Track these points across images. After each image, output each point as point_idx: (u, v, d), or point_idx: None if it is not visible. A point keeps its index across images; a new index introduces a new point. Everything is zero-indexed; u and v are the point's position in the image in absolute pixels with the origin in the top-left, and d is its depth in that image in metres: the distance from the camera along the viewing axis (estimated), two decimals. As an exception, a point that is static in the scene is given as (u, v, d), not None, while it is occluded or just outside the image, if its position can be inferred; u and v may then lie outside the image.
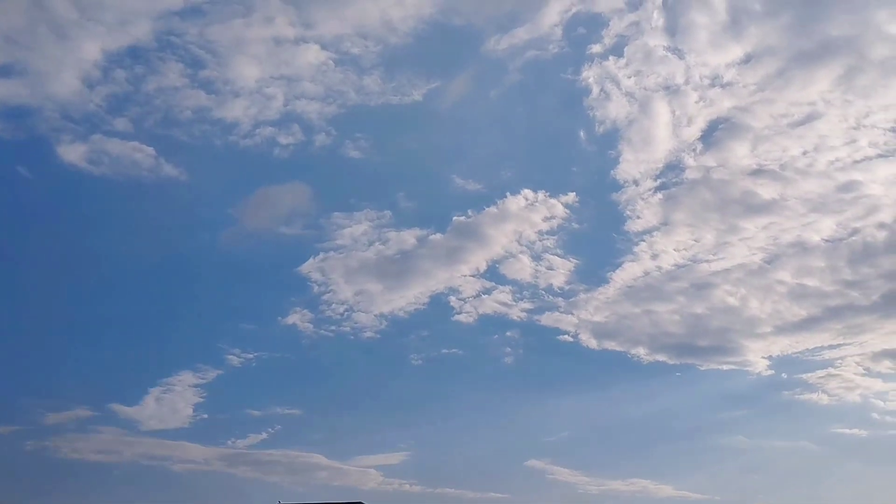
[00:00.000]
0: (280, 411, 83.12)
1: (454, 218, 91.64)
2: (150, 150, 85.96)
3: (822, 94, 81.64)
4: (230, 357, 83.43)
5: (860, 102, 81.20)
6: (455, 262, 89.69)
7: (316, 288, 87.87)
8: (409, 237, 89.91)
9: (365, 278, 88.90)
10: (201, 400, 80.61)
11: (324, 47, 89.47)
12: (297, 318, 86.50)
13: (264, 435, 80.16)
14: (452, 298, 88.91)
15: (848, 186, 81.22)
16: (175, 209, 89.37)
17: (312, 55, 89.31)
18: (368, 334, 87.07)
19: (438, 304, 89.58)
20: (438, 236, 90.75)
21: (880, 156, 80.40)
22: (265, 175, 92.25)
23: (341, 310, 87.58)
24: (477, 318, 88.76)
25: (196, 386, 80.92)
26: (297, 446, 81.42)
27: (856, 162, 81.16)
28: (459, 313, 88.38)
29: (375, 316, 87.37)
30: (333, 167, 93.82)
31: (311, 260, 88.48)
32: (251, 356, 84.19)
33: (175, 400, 79.85)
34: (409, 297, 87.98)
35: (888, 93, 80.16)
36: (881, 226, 79.99)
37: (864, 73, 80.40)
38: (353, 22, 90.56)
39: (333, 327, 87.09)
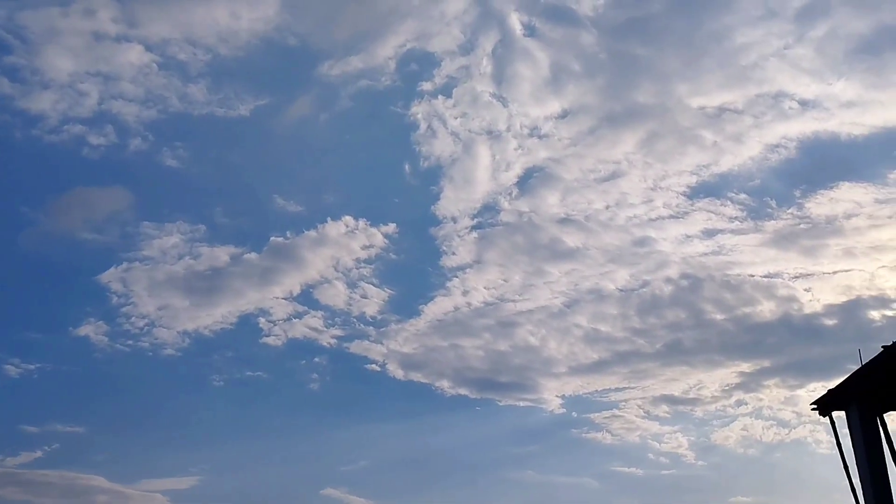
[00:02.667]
0: (61, 428, 75.20)
1: (272, 238, 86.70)
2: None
3: (627, 154, 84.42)
4: (7, 367, 74.86)
5: (658, 166, 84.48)
6: (268, 283, 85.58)
7: (115, 299, 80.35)
8: (222, 254, 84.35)
9: (170, 293, 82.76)
10: (-32, 413, 75.98)
11: (148, 49, 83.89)
12: (91, 330, 78.40)
13: (39, 453, 72.12)
14: (262, 320, 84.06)
15: (642, 242, 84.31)
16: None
17: (135, 55, 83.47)
18: (169, 351, 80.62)
19: (247, 325, 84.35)
20: (253, 255, 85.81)
21: (672, 217, 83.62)
22: (71, 175, 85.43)
23: (141, 324, 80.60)
24: (286, 342, 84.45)
25: (-37, 397, 76.17)
26: (77, 467, 74.00)
27: (651, 220, 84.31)
28: (268, 336, 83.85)
29: (178, 333, 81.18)
30: (147, 174, 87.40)
31: (112, 269, 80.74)
32: (32, 367, 75.77)
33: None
34: (216, 315, 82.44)
35: (683, 160, 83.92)
36: (668, 280, 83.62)
37: (663, 139, 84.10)
38: (183, 27, 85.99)
39: (131, 342, 79.97)
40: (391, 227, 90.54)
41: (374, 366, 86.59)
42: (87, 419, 76.42)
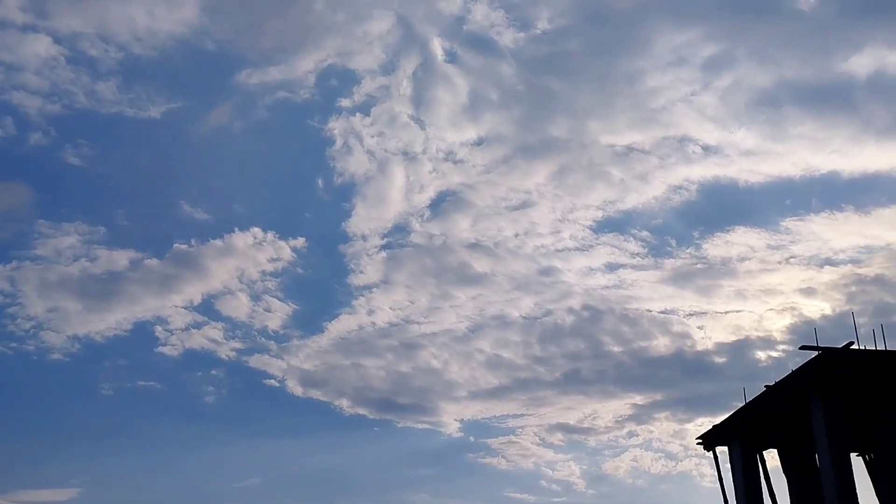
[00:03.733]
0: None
1: (175, 245, 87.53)
2: None
3: (538, 185, 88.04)
4: None
5: (568, 198, 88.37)
6: (169, 290, 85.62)
7: (1, 298, 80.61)
8: (121, 258, 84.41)
9: (62, 295, 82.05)
10: None
11: (57, 41, 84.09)
12: (-29, 330, 76.58)
13: None
14: (159, 328, 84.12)
15: (548, 271, 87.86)
16: None
17: (42, 47, 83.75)
18: (56, 356, 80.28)
19: (142, 333, 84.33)
20: (155, 262, 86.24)
21: (577, 249, 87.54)
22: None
23: (28, 326, 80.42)
24: (182, 352, 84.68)
25: None
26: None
27: (557, 251, 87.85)
28: (164, 345, 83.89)
29: (68, 337, 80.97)
30: (47, 170, 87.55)
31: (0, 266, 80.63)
32: None
33: None
34: (110, 321, 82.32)
35: (591, 194, 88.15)
36: (570, 310, 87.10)
37: (574, 173, 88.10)
38: (96, 22, 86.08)
39: (15, 344, 79.64)
40: (300, 242, 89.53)
41: (272, 381, 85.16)
42: (-41, 425, 71.83)
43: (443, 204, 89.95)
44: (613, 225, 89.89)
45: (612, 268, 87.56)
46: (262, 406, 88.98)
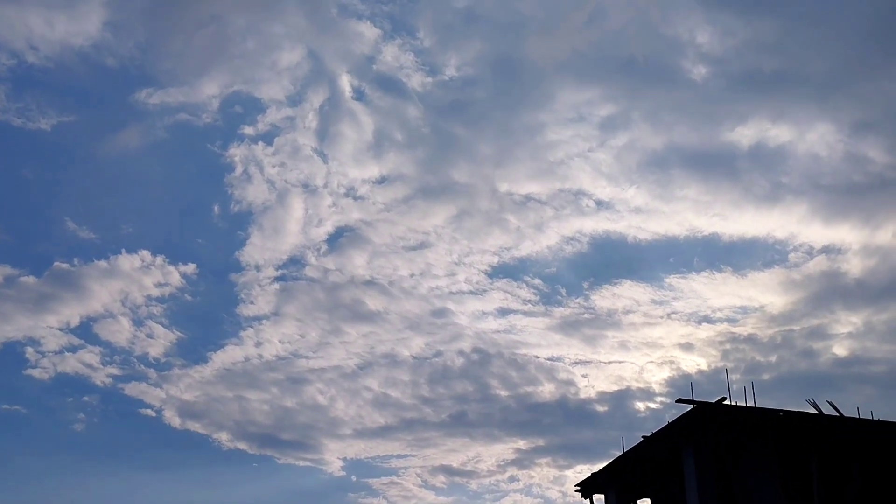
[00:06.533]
0: None
1: (56, 263, 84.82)
2: None
3: (436, 227, 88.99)
4: None
5: (464, 242, 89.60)
6: (44, 310, 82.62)
7: None
8: None
9: None
10: None
11: None
12: None
13: None
14: (29, 350, 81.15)
15: (441, 313, 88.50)
16: None
17: None
18: None
19: (11, 354, 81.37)
20: (31, 279, 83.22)
21: (471, 292, 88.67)
22: None
23: None
24: (53, 376, 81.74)
25: None
26: None
27: (451, 293, 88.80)
28: (34, 367, 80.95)
29: None
30: None
31: None
32: None
33: None
34: None
35: (488, 239, 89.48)
36: (460, 353, 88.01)
37: (472, 217, 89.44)
38: None
39: None
40: (191, 268, 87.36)
41: (149, 410, 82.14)
42: None
43: (340, 239, 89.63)
44: (507, 271, 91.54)
45: (503, 312, 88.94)
46: (136, 437, 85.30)
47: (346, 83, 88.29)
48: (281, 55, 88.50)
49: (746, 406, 33.48)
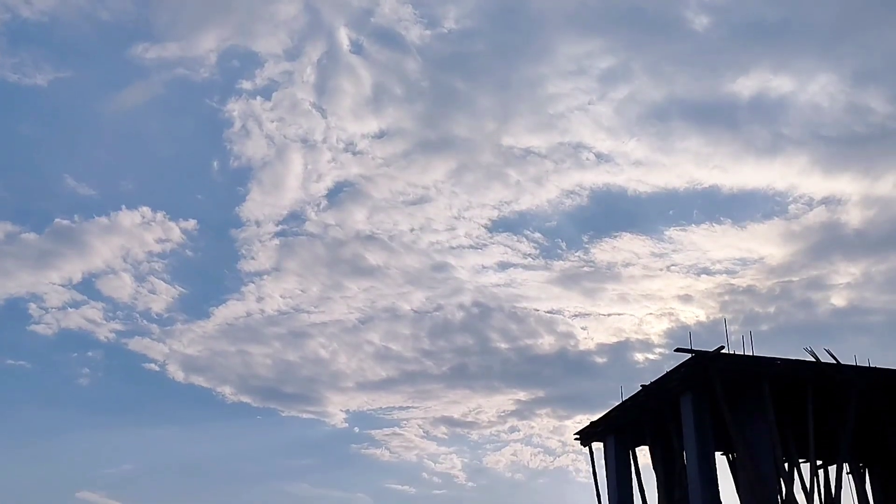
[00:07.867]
0: None
1: (56, 220, 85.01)
2: None
3: (436, 181, 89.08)
4: None
5: (464, 196, 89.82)
6: (46, 267, 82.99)
7: None
8: None
9: None
10: None
11: None
12: None
13: None
14: (33, 306, 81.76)
15: (441, 267, 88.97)
16: None
17: None
18: None
19: (14, 310, 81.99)
20: (33, 236, 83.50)
21: (471, 247, 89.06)
22: None
23: None
24: (58, 332, 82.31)
25: None
26: None
27: (451, 248, 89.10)
28: (38, 323, 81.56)
29: None
30: None
31: None
32: None
33: None
34: None
35: (488, 194, 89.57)
36: (460, 306, 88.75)
37: (472, 172, 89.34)
38: None
39: None
40: (191, 224, 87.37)
41: (153, 365, 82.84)
42: None
43: (340, 194, 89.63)
44: (507, 225, 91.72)
45: (503, 266, 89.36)
46: (140, 391, 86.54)
47: (343, 36, 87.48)
48: (278, 7, 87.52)
49: (744, 355, 33.75)
